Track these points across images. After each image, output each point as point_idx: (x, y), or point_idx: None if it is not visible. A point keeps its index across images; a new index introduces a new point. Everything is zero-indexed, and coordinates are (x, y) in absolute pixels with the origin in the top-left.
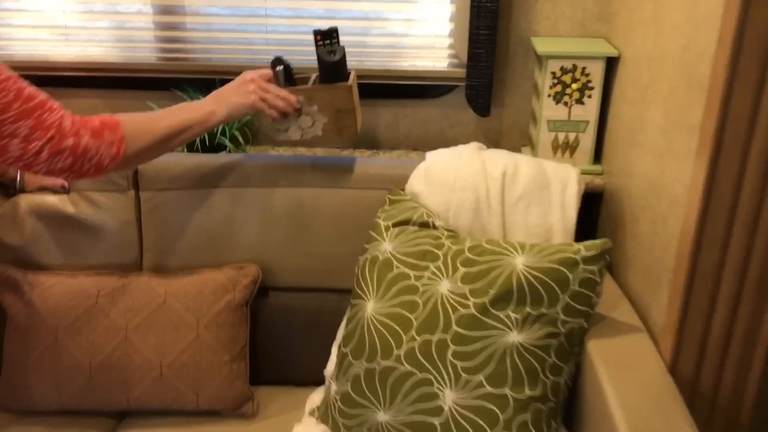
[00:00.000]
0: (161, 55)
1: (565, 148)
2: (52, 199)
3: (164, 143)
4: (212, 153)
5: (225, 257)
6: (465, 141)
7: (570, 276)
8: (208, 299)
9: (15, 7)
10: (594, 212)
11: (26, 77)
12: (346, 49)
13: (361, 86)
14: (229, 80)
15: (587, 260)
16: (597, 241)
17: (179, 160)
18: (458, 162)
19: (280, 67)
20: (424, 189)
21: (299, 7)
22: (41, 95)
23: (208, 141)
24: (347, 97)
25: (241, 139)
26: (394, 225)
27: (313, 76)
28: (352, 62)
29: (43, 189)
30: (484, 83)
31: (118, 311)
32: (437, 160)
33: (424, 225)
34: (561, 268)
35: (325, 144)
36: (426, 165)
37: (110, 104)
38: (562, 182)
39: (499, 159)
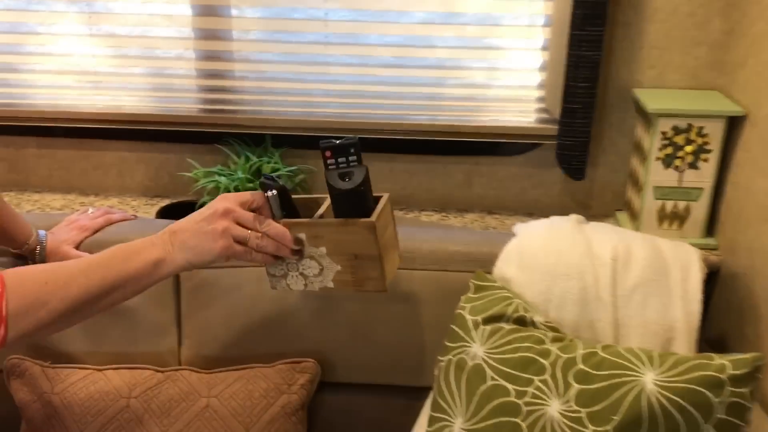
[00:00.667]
0: (204, 106)
1: (673, 219)
2: None
3: (74, 316)
4: None
5: (277, 348)
6: (549, 203)
7: (714, 400)
8: (260, 403)
9: (39, 51)
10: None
11: (50, 129)
12: (418, 102)
13: (431, 142)
14: (282, 137)
15: (735, 380)
16: (746, 356)
17: None
18: (558, 242)
19: (272, 192)
20: (518, 274)
21: (365, 54)
22: None
23: None
24: (369, 239)
25: None
26: (485, 321)
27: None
28: (423, 117)
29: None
30: (580, 143)
31: (153, 416)
32: (532, 238)
33: (521, 321)
34: (703, 390)
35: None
36: (518, 244)
37: (143, 158)
38: (683, 268)
39: (606, 238)
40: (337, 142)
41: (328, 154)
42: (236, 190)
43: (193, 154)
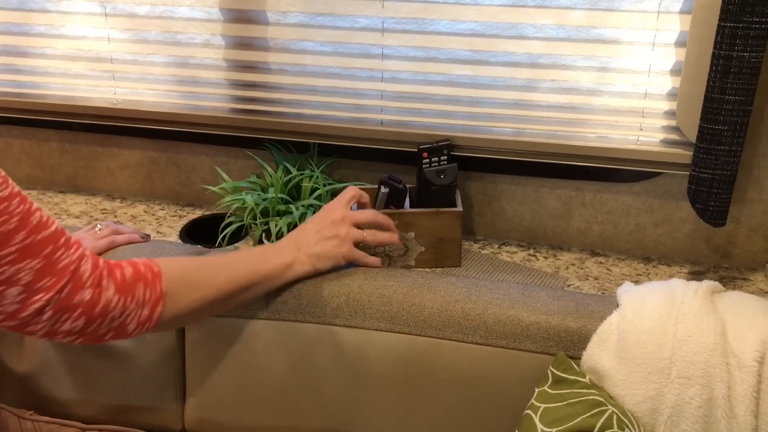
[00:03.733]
0: (235, 105)
1: None
2: None
3: (217, 304)
4: None
5: (297, 419)
6: (675, 248)
7: None
8: None
9: (51, 32)
10: None
11: (66, 124)
12: (500, 111)
13: (518, 162)
14: (327, 146)
15: None
16: None
17: None
18: (679, 325)
19: (385, 190)
20: (615, 367)
21: (432, 45)
22: (54, 224)
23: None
24: (455, 225)
25: None
26: None
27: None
28: (507, 130)
29: None
30: (723, 177)
31: None
32: (641, 314)
33: None
34: None
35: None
36: (621, 321)
37: (175, 160)
38: None
39: (750, 324)
40: (433, 144)
41: (425, 155)
42: (264, 214)
43: (229, 158)
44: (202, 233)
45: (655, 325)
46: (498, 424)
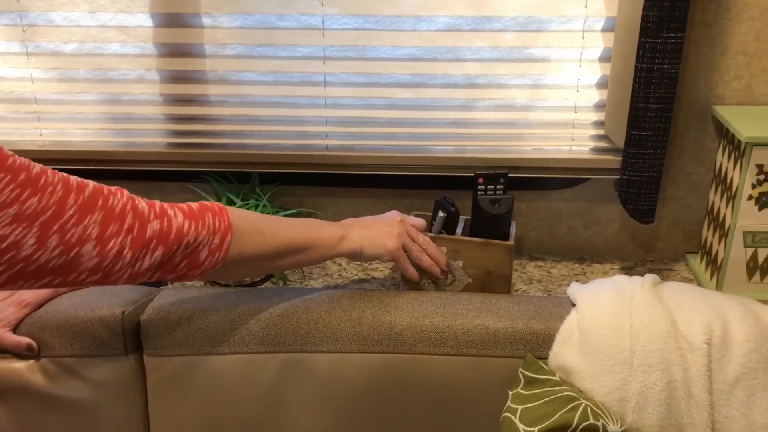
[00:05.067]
0: (174, 139)
1: (766, 271)
2: (15, 367)
3: (274, 258)
4: (248, 286)
5: None
6: (605, 246)
7: None
8: None
9: None
10: None
11: None
12: (441, 131)
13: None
14: (272, 174)
15: None
16: None
17: (201, 306)
18: (634, 318)
19: (443, 214)
20: (582, 363)
21: (374, 71)
22: (89, 181)
23: None
24: (505, 259)
25: None
26: None
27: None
28: (449, 149)
29: (1, 352)
30: (650, 178)
31: None
32: (597, 311)
33: None
34: None
35: None
36: (580, 319)
37: None
38: None
39: (694, 311)
40: (490, 171)
41: (480, 180)
42: None
43: (166, 193)
44: None
45: (612, 319)
46: (478, 430)
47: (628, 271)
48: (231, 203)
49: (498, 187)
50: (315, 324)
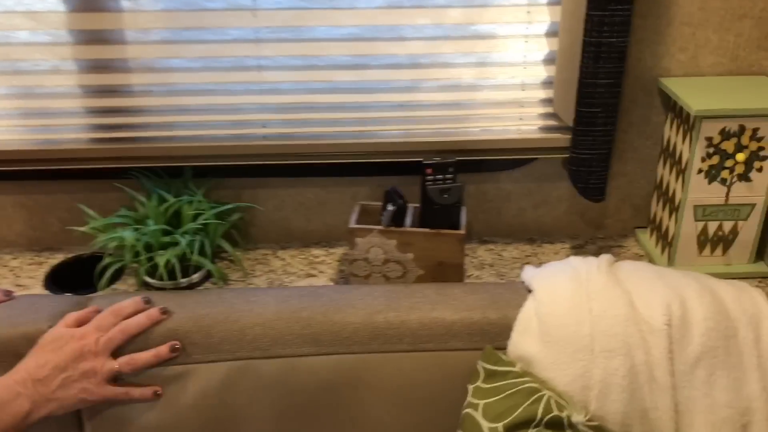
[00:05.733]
0: (94, 134)
1: (717, 243)
2: None
3: None
4: (185, 289)
5: None
6: (555, 226)
7: None
8: None
9: None
10: None
11: None
12: (385, 114)
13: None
14: (203, 168)
15: None
16: None
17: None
18: (592, 302)
19: (392, 207)
20: (542, 351)
21: (311, 52)
22: None
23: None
24: (457, 249)
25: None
26: (509, 430)
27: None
28: (395, 133)
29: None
30: (600, 155)
31: None
32: (554, 297)
33: (557, 425)
34: None
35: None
36: (537, 306)
37: (23, 202)
38: (752, 323)
39: (652, 290)
40: (437, 160)
41: (428, 171)
42: (148, 249)
43: (90, 192)
44: (69, 279)
45: (571, 305)
46: (439, 427)
47: (579, 250)
48: (162, 200)
49: (447, 176)
50: (262, 328)
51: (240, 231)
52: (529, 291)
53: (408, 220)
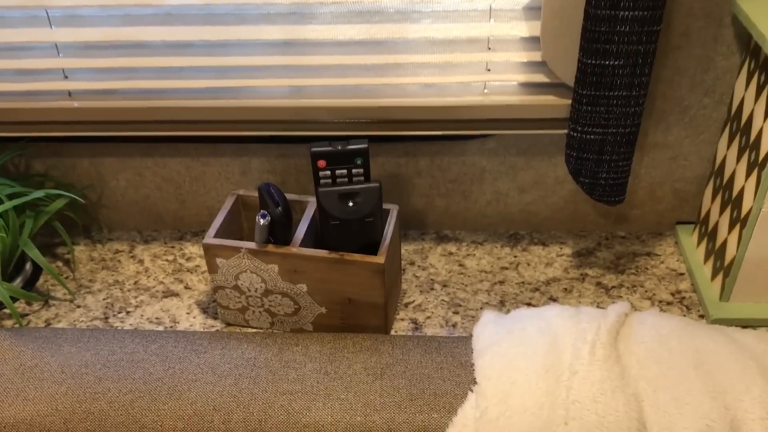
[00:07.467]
0: None
1: None
2: None
3: None
4: None
5: None
6: (549, 216)
7: None
8: None
9: None
10: None
11: None
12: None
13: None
14: None
15: None
16: None
17: None
18: (569, 417)
19: (264, 220)
20: None
21: None
22: None
23: None
24: (373, 283)
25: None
26: None
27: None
28: (272, 90)
29: None
30: (622, 136)
31: None
32: (505, 402)
33: None
34: None
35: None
36: (477, 419)
37: None
38: None
39: (679, 398)
40: (337, 147)
41: (321, 164)
42: None
43: None
44: None
45: (533, 420)
46: None
47: (586, 256)
48: None
49: (354, 171)
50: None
51: (78, 213)
52: (474, 382)
53: (302, 231)
